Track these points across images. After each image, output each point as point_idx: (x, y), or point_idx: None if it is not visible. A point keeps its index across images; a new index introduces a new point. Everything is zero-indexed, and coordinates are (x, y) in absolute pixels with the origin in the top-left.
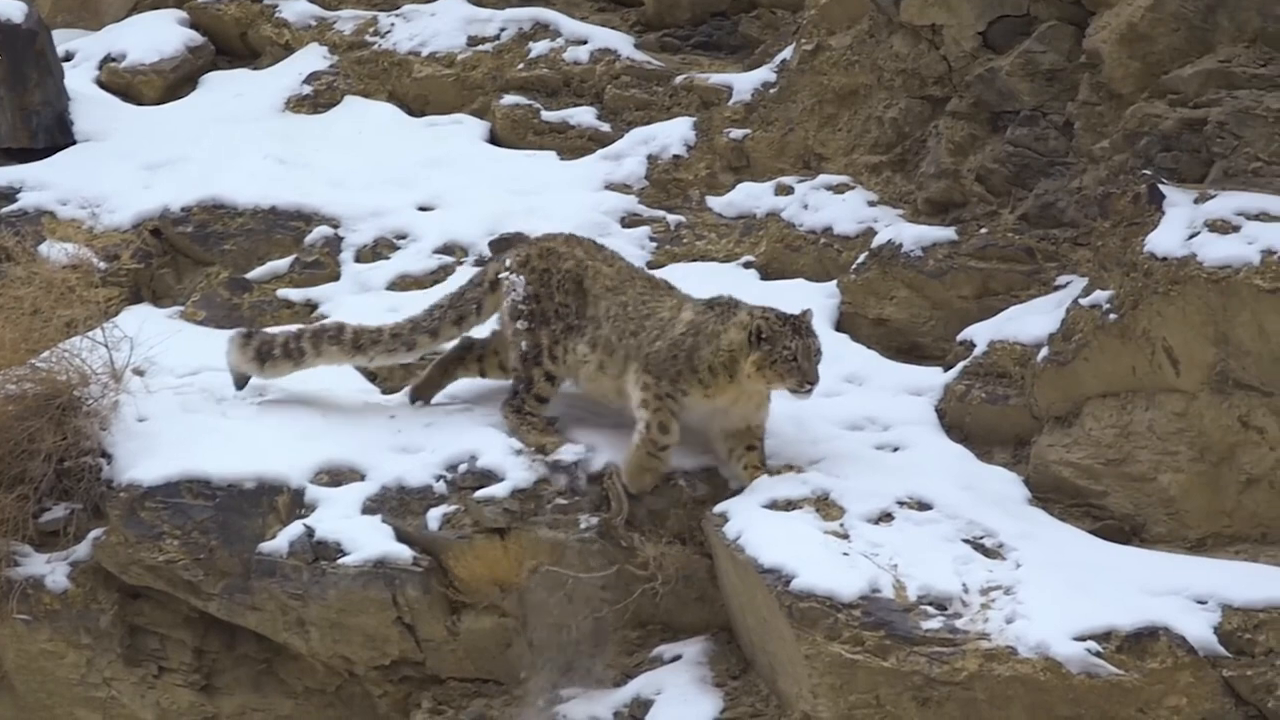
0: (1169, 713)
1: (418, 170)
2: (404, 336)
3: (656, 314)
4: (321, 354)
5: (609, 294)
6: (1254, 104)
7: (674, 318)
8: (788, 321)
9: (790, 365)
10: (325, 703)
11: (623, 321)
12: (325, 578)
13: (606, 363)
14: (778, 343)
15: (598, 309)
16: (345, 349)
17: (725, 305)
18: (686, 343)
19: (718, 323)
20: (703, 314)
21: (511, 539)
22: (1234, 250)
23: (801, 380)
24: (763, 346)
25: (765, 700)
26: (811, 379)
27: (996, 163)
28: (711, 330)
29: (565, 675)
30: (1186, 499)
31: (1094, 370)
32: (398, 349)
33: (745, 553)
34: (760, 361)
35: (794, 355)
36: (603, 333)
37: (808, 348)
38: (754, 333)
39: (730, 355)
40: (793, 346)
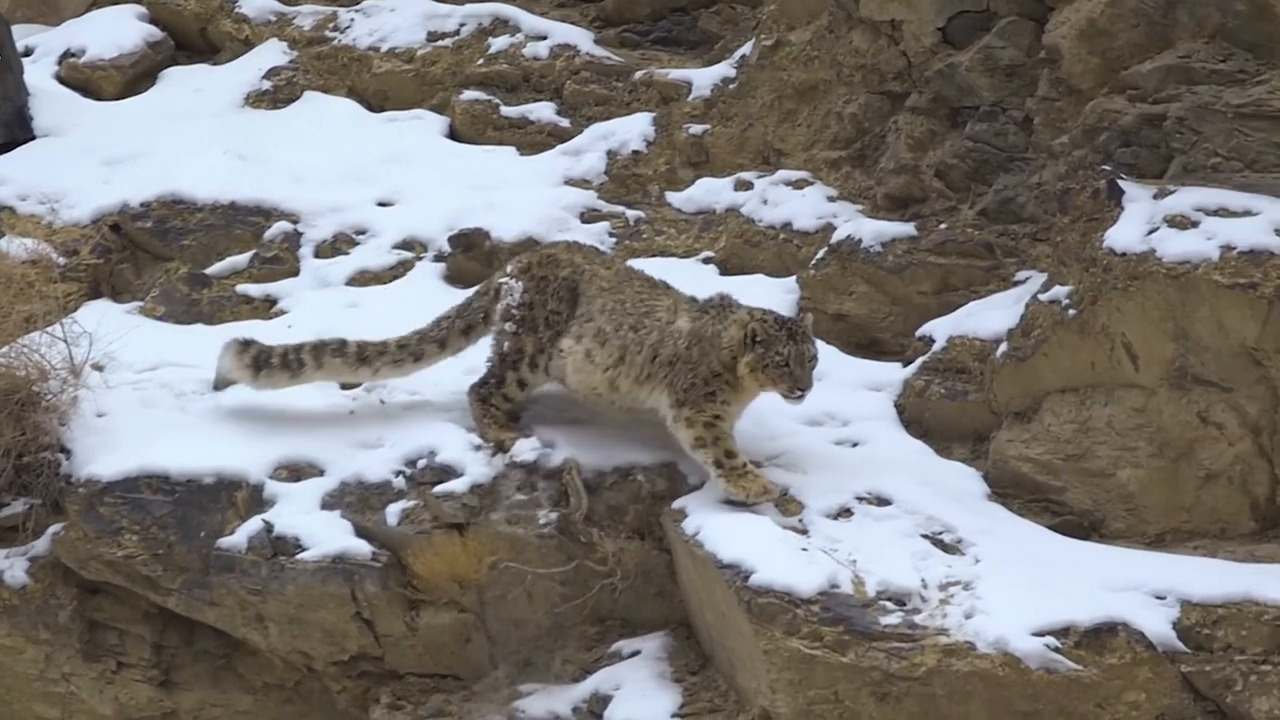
0: (1128, 708)
1: (377, 166)
2: (411, 347)
3: (655, 312)
4: (323, 367)
5: (604, 293)
6: (1213, 100)
7: (672, 322)
8: (784, 326)
9: (783, 370)
10: (284, 698)
11: (620, 315)
12: (284, 573)
13: (596, 352)
14: (772, 346)
15: (591, 307)
16: (349, 362)
17: (720, 306)
18: (694, 355)
19: (715, 323)
20: (698, 319)
21: (470, 534)
22: (1193, 246)
23: (793, 386)
24: (757, 349)
25: (724, 696)
26: (803, 385)
27: (956, 158)
28: (712, 333)
29: (524, 671)
30: (1145, 494)
31: (1053, 366)
32: (404, 360)
33: (704, 548)
34: (754, 363)
35: (786, 361)
36: (595, 324)
37: (801, 354)
38: (750, 334)
39: (730, 353)
40: (785, 352)
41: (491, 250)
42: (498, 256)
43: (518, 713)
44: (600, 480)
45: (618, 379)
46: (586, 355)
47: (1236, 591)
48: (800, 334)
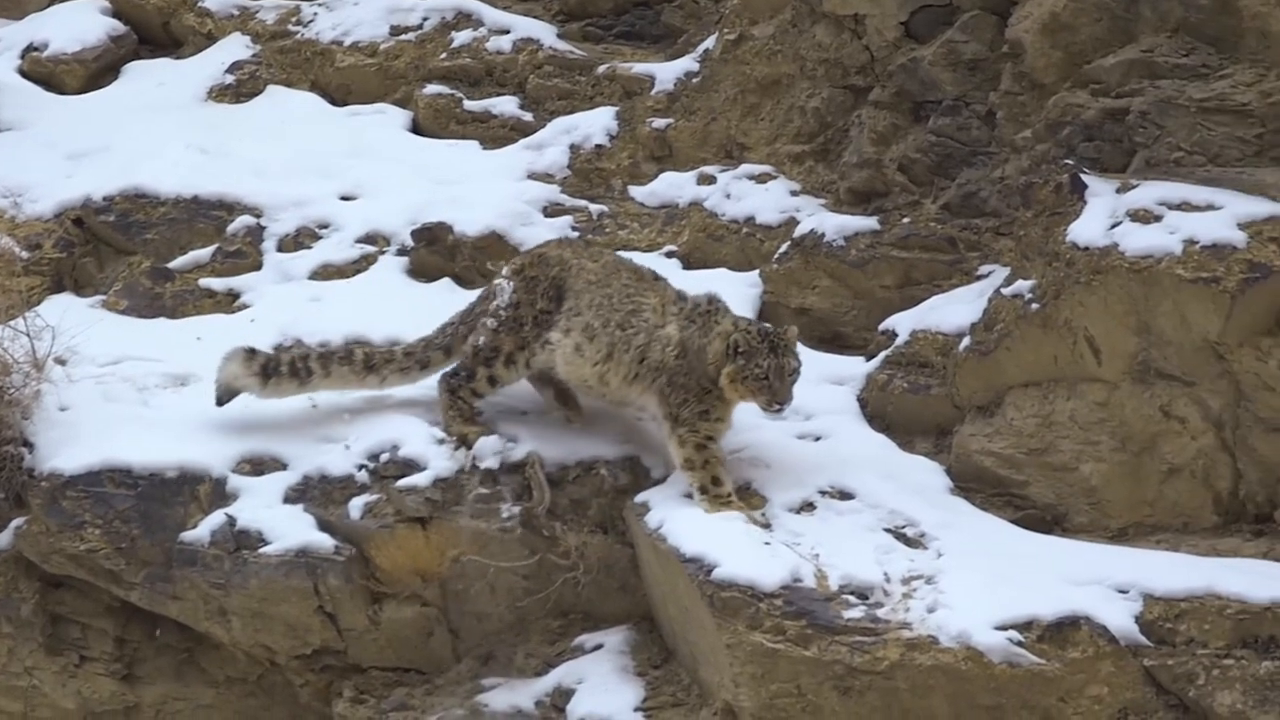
0: (1090, 702)
1: (340, 160)
2: (417, 355)
3: (641, 311)
4: (331, 375)
5: (592, 287)
6: (1176, 94)
7: (660, 326)
8: (766, 338)
9: (762, 383)
10: (247, 692)
11: (607, 311)
12: (247, 567)
13: (585, 347)
14: (752, 358)
15: (579, 301)
16: (356, 370)
17: (707, 312)
18: (683, 368)
19: (702, 335)
20: (686, 328)
21: (433, 528)
22: (1156, 240)
23: (771, 399)
24: (738, 360)
25: (687, 689)
26: (781, 399)
27: (919, 152)
28: (698, 346)
29: (486, 664)
30: (1108, 488)
31: (1016, 360)
32: (411, 368)
33: (667, 542)
34: (734, 375)
35: (766, 374)
36: (583, 319)
37: (781, 367)
38: (731, 346)
39: (715, 366)
40: (765, 365)
41: (454, 244)
42: (460, 250)
43: (480, 706)
44: (563, 474)
45: (607, 374)
46: (576, 349)
47: (1199, 585)
48: (782, 347)
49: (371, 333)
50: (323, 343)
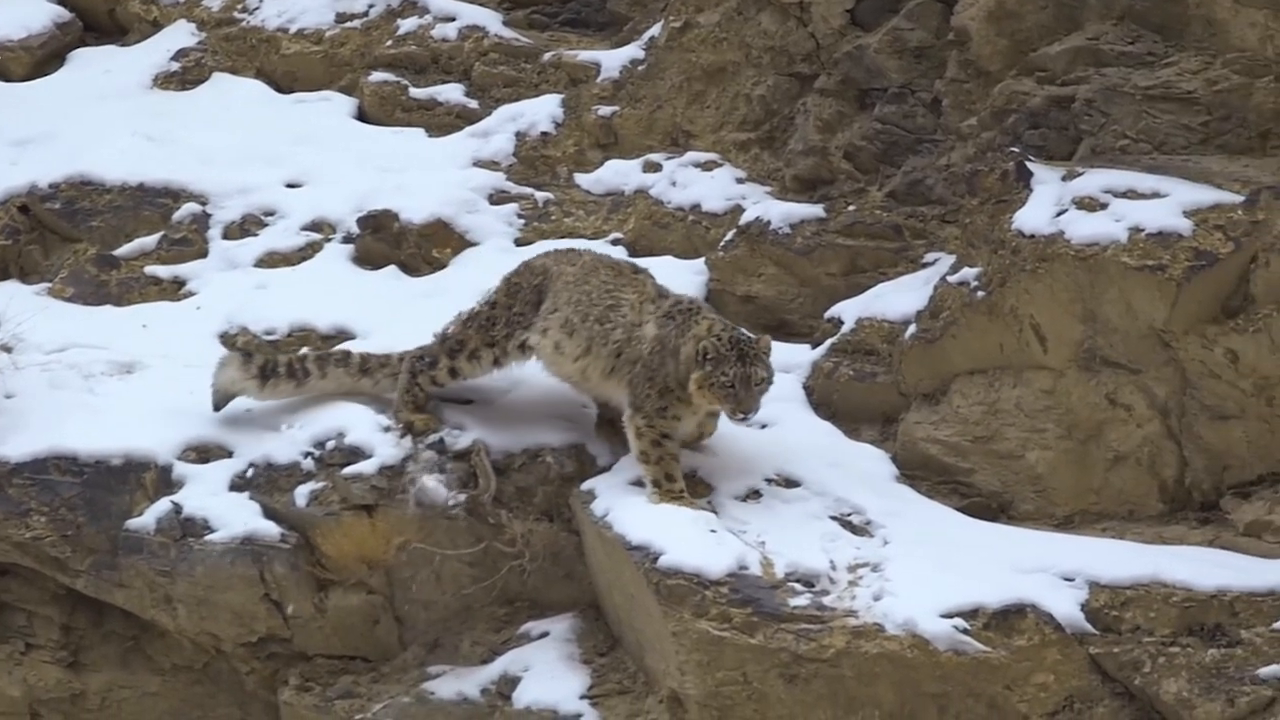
0: (1036, 690)
1: (286, 147)
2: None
3: (620, 306)
4: (327, 376)
5: (570, 287)
6: (1122, 81)
7: (638, 324)
8: (736, 345)
9: (728, 391)
10: (193, 679)
11: (585, 306)
12: (193, 554)
13: (564, 343)
14: (720, 366)
15: (557, 300)
16: (351, 372)
17: (685, 313)
18: (654, 363)
19: (678, 336)
20: (664, 326)
21: (379, 516)
22: (1102, 228)
23: (736, 408)
24: (706, 366)
25: (633, 677)
26: (746, 408)
27: (865, 140)
28: (673, 346)
29: (432, 652)
30: (1054, 476)
31: (962, 348)
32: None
33: (613, 530)
34: (701, 380)
35: (732, 382)
36: (561, 315)
37: (748, 376)
38: (700, 351)
39: (686, 369)
40: (731, 374)
41: (400, 232)
42: (406, 238)
43: (426, 694)
44: (509, 462)
45: (587, 369)
46: (555, 347)
47: (1145, 573)
48: (751, 356)
49: (318, 320)
50: (268, 329)
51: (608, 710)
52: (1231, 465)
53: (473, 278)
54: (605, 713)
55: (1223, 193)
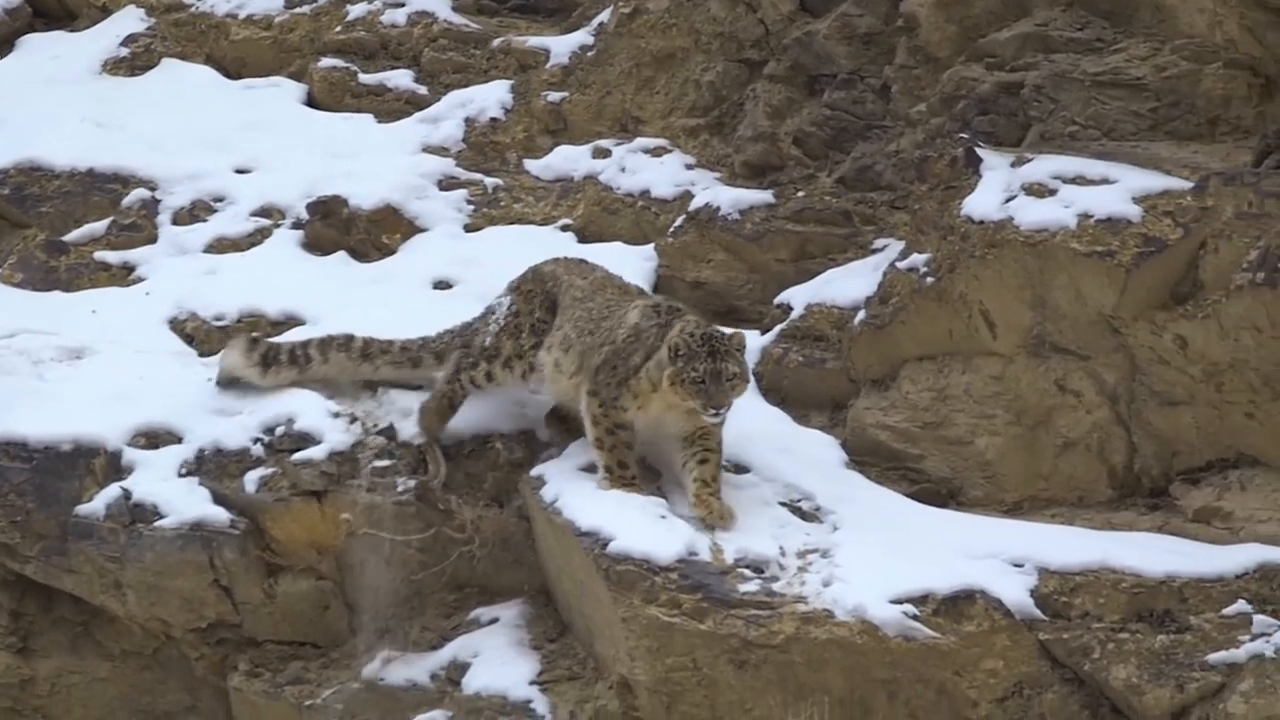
0: (985, 675)
1: (235, 133)
2: (412, 353)
3: (614, 314)
4: (328, 361)
5: (577, 304)
6: (1070, 68)
7: (623, 317)
8: (708, 342)
9: (698, 387)
10: (142, 665)
11: (584, 323)
12: (142, 540)
13: (563, 361)
14: (690, 362)
15: (564, 317)
16: (353, 357)
17: (670, 312)
18: (625, 350)
19: (658, 336)
20: (646, 318)
21: (329, 501)
22: (1051, 214)
23: (706, 403)
24: (677, 363)
25: (582, 663)
26: (715, 404)
27: (814, 126)
28: (650, 344)
29: (382, 638)
30: (1003, 462)
31: (911, 333)
32: (404, 364)
33: (563, 515)
34: (673, 377)
35: (702, 378)
36: (563, 332)
37: (718, 372)
38: (672, 348)
39: (656, 370)
40: (701, 369)
41: (349, 218)
42: (355, 224)
43: (376, 680)
44: (459, 448)
45: (581, 385)
46: (555, 365)
47: (1094, 559)
48: (722, 352)
49: (267, 306)
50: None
51: (557, 696)
52: (1180, 451)
53: (422, 263)
54: (555, 699)
55: (1172, 179)
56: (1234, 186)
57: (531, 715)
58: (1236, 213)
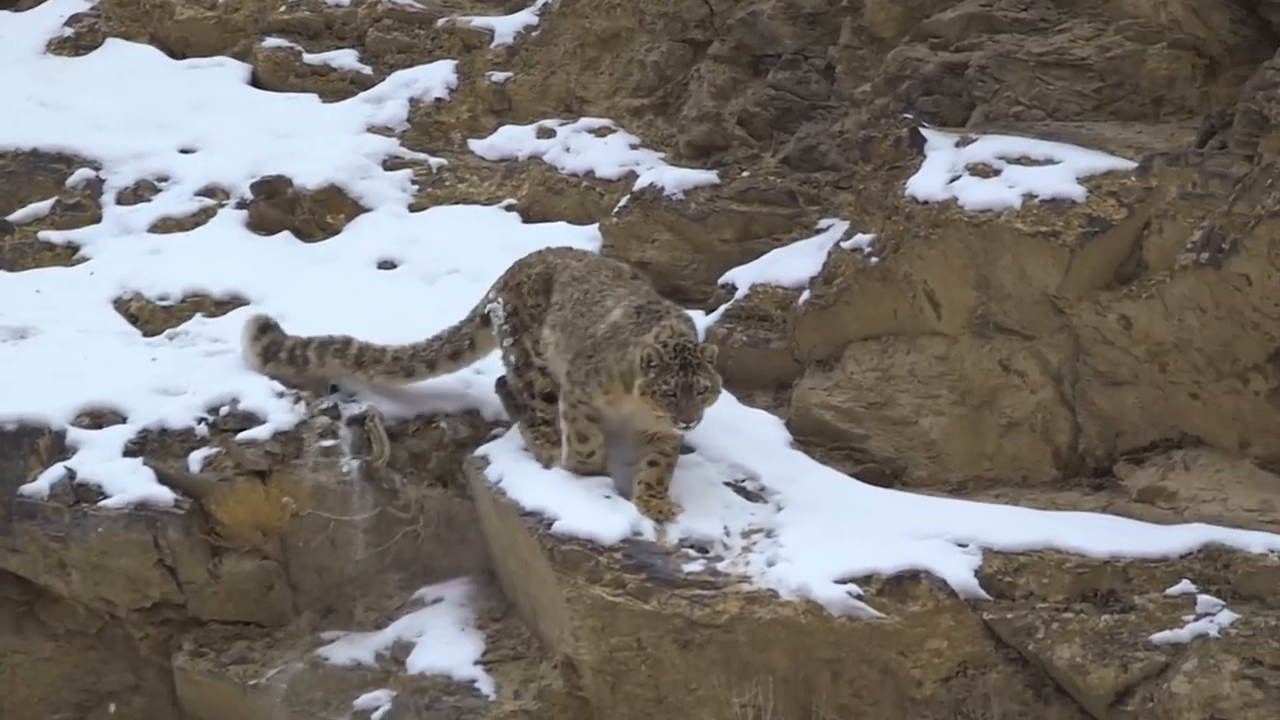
0: (930, 655)
1: (179, 113)
2: (404, 362)
3: (604, 301)
4: (325, 366)
5: (574, 283)
6: (1015, 48)
7: (611, 309)
8: (681, 354)
9: (669, 400)
10: (87, 645)
11: (581, 305)
12: (86, 520)
13: (562, 342)
14: (662, 374)
15: (563, 295)
16: (347, 364)
17: (650, 314)
18: (603, 344)
19: (634, 334)
20: (629, 317)
21: (273, 481)
22: (995, 194)
23: (677, 417)
24: (649, 373)
25: (527, 643)
26: (686, 418)
27: (758, 106)
28: (623, 340)
29: (326, 618)
30: (947, 442)
31: (855, 313)
32: (397, 373)
33: (507, 496)
34: (644, 387)
35: (673, 391)
36: (563, 314)
37: (690, 385)
38: (645, 358)
39: (630, 370)
40: (673, 383)
41: (294, 197)
42: (300, 204)
43: (320, 660)
44: (403, 427)
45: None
46: (556, 346)
47: (1038, 539)
48: (694, 365)
49: (211, 286)
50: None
51: (502, 676)
52: (1124, 431)
53: (366, 243)
54: (499, 678)
55: (1116, 159)
56: (1178, 167)
57: (476, 695)
58: (1181, 193)
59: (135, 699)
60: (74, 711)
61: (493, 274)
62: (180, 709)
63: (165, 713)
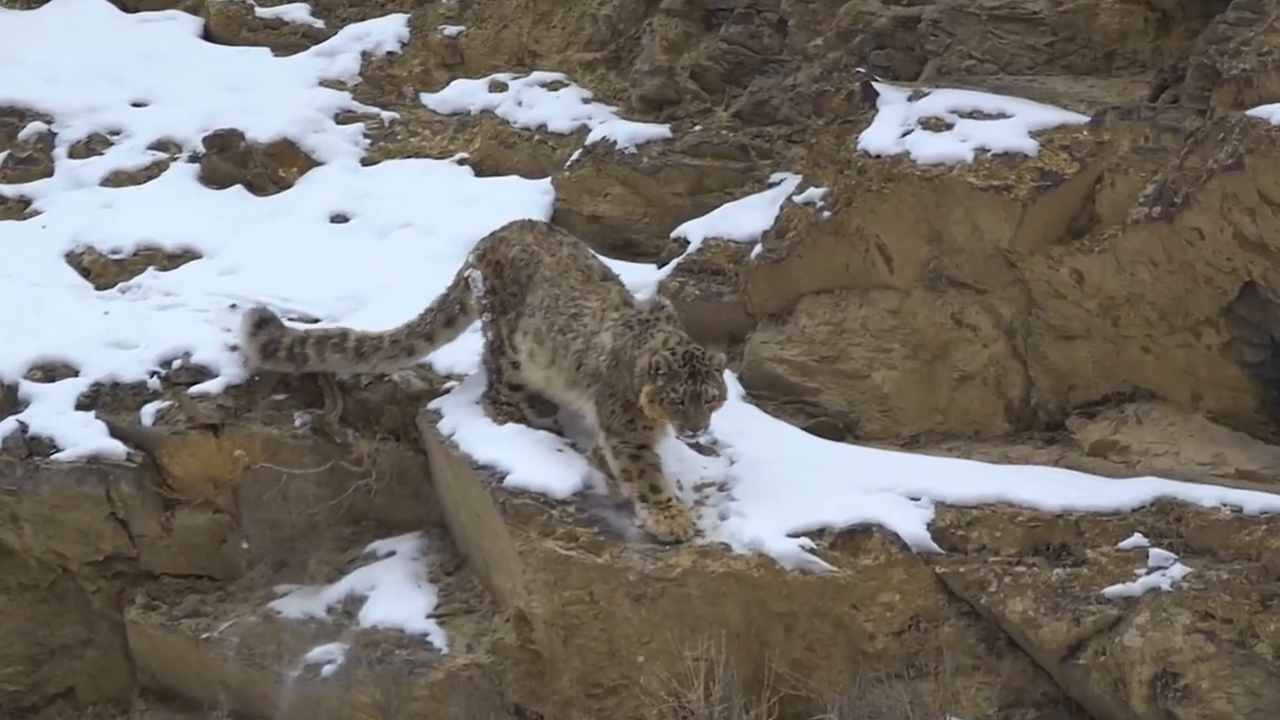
0: (882, 609)
1: (131, 66)
2: (403, 342)
3: (582, 315)
4: (325, 361)
5: (546, 284)
6: (967, 2)
7: (596, 332)
8: (689, 362)
9: (677, 408)
10: (39, 598)
11: (552, 315)
12: (39, 474)
13: (536, 352)
14: (670, 382)
15: (535, 297)
16: (348, 357)
17: (643, 324)
18: (613, 379)
19: (634, 348)
20: (621, 336)
21: (226, 435)
22: (947, 148)
23: (684, 425)
24: (657, 381)
25: (479, 596)
26: (695, 426)
27: (711, 60)
28: (629, 358)
29: (279, 571)
30: (900, 396)
31: (807, 267)
32: (399, 355)
33: (460, 449)
34: (651, 395)
35: (681, 399)
36: (534, 322)
37: (698, 394)
38: (652, 366)
39: (639, 381)
40: (681, 391)
41: (246, 151)
42: (252, 157)
43: (272, 613)
44: (356, 380)
45: (552, 379)
46: (529, 355)
47: (990, 493)
48: (702, 374)
49: (164, 240)
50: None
51: (454, 629)
52: (1077, 385)
53: (319, 197)
54: (452, 631)
55: (1068, 113)
56: (1130, 121)
57: (428, 648)
58: (1133, 147)
59: (87, 652)
60: (26, 665)
61: (445, 228)
62: (132, 662)
63: (117, 666)
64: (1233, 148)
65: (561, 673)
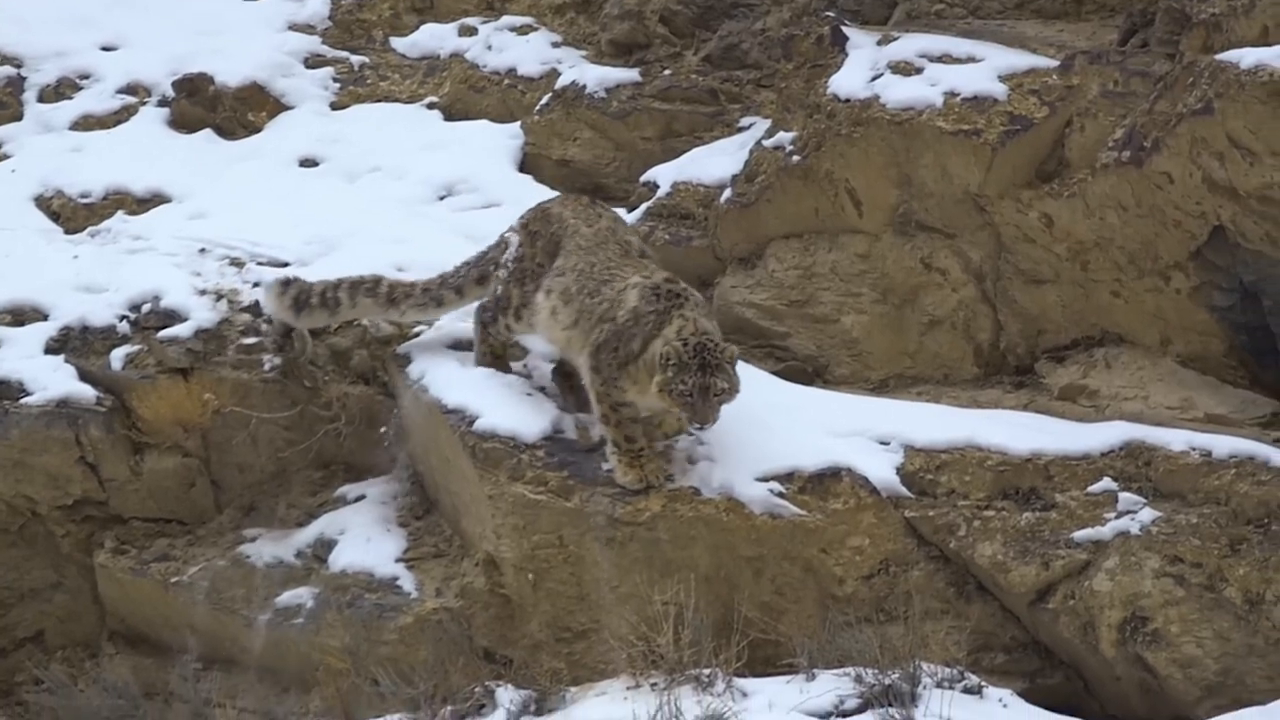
0: (851, 553)
1: (100, 10)
2: (433, 292)
3: (613, 282)
4: (357, 306)
5: (581, 251)
6: None
7: (623, 288)
8: (700, 354)
9: (685, 400)
10: (8, 542)
11: (585, 279)
12: (8, 417)
13: (560, 310)
14: (680, 373)
15: (565, 263)
16: (380, 302)
17: (670, 298)
18: (626, 333)
19: (654, 326)
20: (648, 302)
21: (195, 379)
22: (917, 92)
23: (692, 416)
24: (667, 371)
25: (449, 540)
26: (702, 419)
27: (680, 4)
28: (648, 333)
29: (248, 515)
30: (869, 340)
31: (777, 211)
32: (428, 304)
33: (429, 393)
34: (662, 384)
35: (690, 391)
36: (564, 280)
37: (707, 387)
38: (664, 356)
39: (651, 363)
40: (690, 383)
41: (215, 95)
42: (221, 101)
43: (242, 557)
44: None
45: (573, 339)
46: (551, 312)
47: (960, 437)
48: (713, 366)
49: (133, 184)
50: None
51: (424, 573)
52: (1046, 329)
53: (288, 141)
54: (421, 576)
55: (1038, 58)
56: (1100, 65)
57: (398, 592)
58: (1102, 91)
59: (57, 596)
60: None
61: (414, 171)
62: (102, 606)
63: (87, 610)
64: (1202, 92)
65: (531, 617)
